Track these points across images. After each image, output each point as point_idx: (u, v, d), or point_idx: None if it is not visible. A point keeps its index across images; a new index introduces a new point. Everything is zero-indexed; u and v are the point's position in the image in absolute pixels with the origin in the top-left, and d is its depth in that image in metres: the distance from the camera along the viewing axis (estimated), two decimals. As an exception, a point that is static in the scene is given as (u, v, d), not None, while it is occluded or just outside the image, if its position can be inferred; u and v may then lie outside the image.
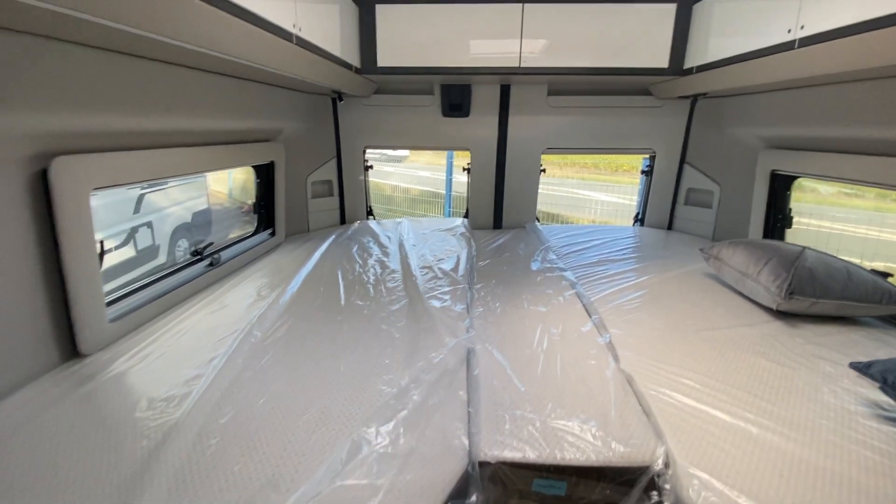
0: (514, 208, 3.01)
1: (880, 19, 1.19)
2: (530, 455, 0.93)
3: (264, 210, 2.48)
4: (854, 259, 1.72)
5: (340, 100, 2.76)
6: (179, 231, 3.32)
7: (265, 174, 2.42)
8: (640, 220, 3.09)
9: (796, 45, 1.46)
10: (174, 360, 1.28)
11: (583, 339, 1.43)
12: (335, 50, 1.96)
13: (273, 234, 2.51)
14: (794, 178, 2.14)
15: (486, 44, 2.27)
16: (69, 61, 1.09)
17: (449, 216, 6.60)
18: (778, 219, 2.24)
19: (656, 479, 0.91)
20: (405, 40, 2.30)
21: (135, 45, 1.16)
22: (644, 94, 2.71)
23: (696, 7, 2.12)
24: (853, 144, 1.74)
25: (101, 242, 1.32)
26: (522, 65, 2.27)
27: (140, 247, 3.01)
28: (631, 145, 2.87)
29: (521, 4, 2.16)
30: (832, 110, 1.77)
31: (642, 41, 2.22)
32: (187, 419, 1.01)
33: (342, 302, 1.72)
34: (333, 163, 2.94)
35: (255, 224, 2.48)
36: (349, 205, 3.07)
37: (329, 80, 2.01)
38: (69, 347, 1.25)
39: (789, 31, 1.48)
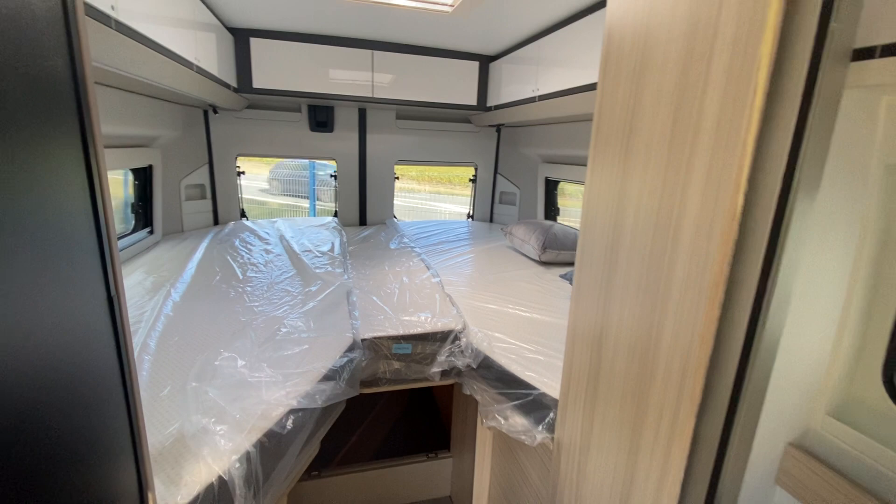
0: (375, 207, 3.68)
1: (574, 88, 2.19)
2: (390, 332, 1.60)
3: (142, 210, 2.68)
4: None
5: (215, 112, 3.09)
6: None
7: (143, 177, 2.64)
8: (471, 216, 4.05)
9: (537, 99, 2.45)
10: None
11: (423, 282, 2.17)
12: (216, 71, 2.38)
13: (151, 232, 2.72)
14: (557, 182, 3.27)
15: (345, 76, 2.91)
16: None
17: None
18: (551, 210, 3.36)
19: (458, 335, 1.66)
20: (277, 67, 2.80)
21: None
22: (466, 122, 3.67)
23: (492, 65, 3.11)
24: (578, 160, 2.86)
25: None
26: (374, 95, 2.97)
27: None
28: (460, 159, 3.80)
29: (370, 51, 2.87)
30: (567, 139, 2.87)
31: (459, 84, 3.12)
32: (145, 340, 1.42)
33: (240, 276, 2.15)
34: (206, 168, 3.22)
35: (133, 223, 2.67)
36: (222, 207, 3.36)
37: (213, 97, 2.41)
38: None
39: (533, 90, 2.47)
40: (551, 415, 1.23)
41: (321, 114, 3.30)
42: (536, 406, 1.28)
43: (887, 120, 1.09)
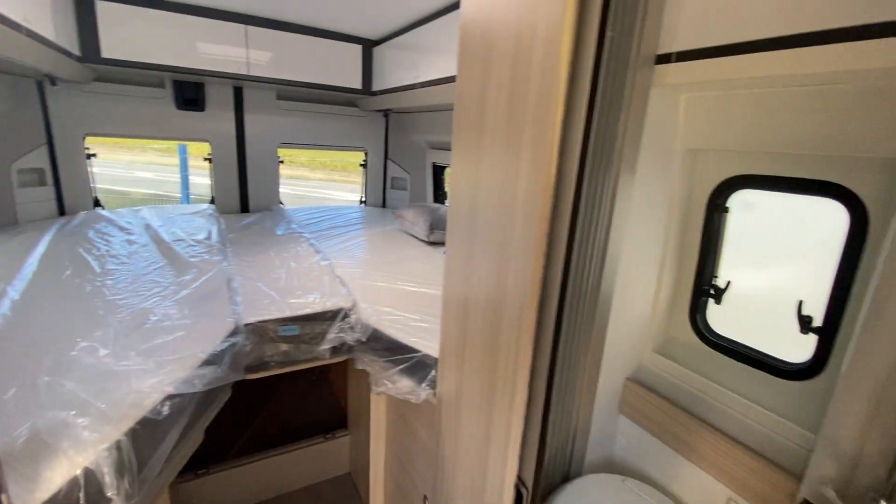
0: (259, 193, 3.49)
1: (452, 77, 2.32)
2: (277, 315, 1.60)
3: (-45, 199, 2.23)
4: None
5: (53, 84, 2.64)
6: None
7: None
8: (363, 202, 4.06)
9: (418, 86, 2.55)
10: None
11: (312, 265, 2.16)
12: (52, 36, 2.05)
13: (-28, 225, 2.28)
14: (444, 167, 3.44)
15: (215, 50, 2.70)
16: None
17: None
18: (439, 194, 3.54)
19: (348, 312, 1.71)
20: (132, 35, 2.49)
21: None
22: (353, 106, 3.65)
23: (376, 49, 3.13)
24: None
25: None
26: (250, 73, 2.81)
27: None
28: (348, 144, 3.77)
29: (244, 26, 2.70)
30: (451, 126, 3.04)
31: (343, 66, 3.09)
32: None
33: (97, 269, 1.92)
34: (44, 149, 2.76)
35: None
36: (69, 195, 2.91)
37: (49, 66, 2.08)
38: None
39: (415, 77, 2.57)
40: (433, 373, 1.36)
41: (189, 90, 3.02)
42: (420, 367, 1.41)
43: (685, 112, 1.39)
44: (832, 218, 1.17)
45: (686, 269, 1.57)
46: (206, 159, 3.32)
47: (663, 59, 1.21)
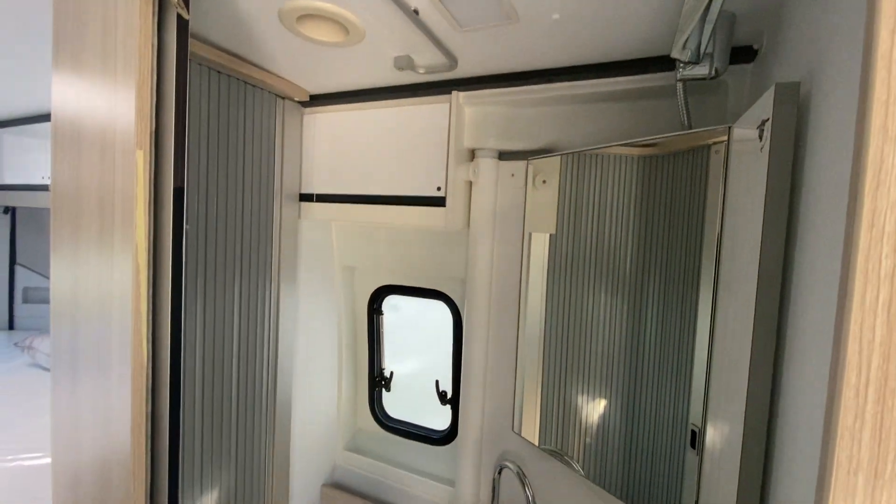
0: None
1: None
2: None
3: None
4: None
5: None
6: None
7: None
8: (-29, 326, 2.86)
9: (49, 188, 2.08)
10: None
11: None
12: None
13: None
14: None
15: None
16: None
17: None
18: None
19: None
20: None
21: None
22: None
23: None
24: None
25: None
26: None
27: None
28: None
29: None
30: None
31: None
32: None
33: None
34: None
35: None
36: None
37: None
38: None
39: (43, 177, 2.09)
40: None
41: None
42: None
43: (337, 238, 1.63)
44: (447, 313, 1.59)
45: (361, 365, 1.78)
46: None
47: (307, 197, 1.45)
